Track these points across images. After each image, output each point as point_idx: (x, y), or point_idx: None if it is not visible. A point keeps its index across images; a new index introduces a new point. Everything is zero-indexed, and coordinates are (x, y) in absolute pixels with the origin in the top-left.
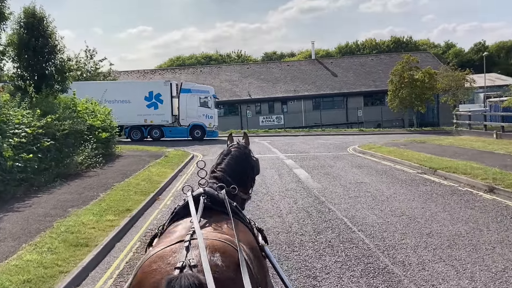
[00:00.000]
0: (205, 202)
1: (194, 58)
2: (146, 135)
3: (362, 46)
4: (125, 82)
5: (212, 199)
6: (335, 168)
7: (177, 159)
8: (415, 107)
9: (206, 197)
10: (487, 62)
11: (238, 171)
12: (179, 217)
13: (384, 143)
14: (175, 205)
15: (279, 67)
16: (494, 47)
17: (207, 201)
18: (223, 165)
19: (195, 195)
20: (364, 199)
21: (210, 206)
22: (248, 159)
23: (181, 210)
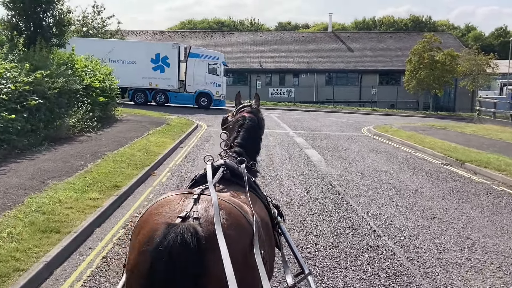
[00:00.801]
0: (224, 173)
1: (206, 23)
2: (150, 99)
3: (379, 22)
4: (131, 42)
5: (231, 171)
6: (350, 152)
7: (179, 129)
8: (433, 90)
9: (225, 169)
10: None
11: (254, 143)
12: (199, 185)
13: (401, 126)
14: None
15: (293, 37)
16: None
17: (226, 173)
18: (239, 139)
19: (216, 166)
20: (386, 192)
21: (229, 178)
22: (261, 127)
23: (201, 179)
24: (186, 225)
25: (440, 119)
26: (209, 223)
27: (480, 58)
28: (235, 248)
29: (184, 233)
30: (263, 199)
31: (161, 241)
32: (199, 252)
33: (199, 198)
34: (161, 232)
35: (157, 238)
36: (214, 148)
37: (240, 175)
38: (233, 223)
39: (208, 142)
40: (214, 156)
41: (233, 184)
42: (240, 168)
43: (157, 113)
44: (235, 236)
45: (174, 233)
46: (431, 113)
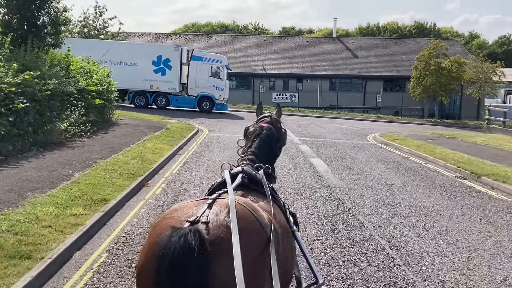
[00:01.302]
0: (242, 180)
1: (209, 26)
2: (151, 102)
3: (383, 28)
4: (133, 44)
5: (250, 178)
6: (357, 162)
7: (178, 134)
8: (439, 97)
9: (244, 175)
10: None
11: (268, 152)
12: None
13: (408, 134)
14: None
15: (297, 42)
16: None
17: (245, 179)
18: (253, 148)
19: (233, 173)
20: (400, 209)
21: (248, 184)
22: (280, 138)
23: (219, 187)
24: (190, 228)
25: (446, 127)
26: (217, 227)
27: (486, 66)
28: (244, 253)
29: (187, 236)
30: (281, 206)
31: (165, 244)
32: (203, 255)
33: (213, 202)
34: (166, 235)
35: (162, 242)
36: (215, 155)
37: (258, 181)
38: (245, 228)
39: (208, 149)
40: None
41: (252, 191)
42: (258, 175)
43: (157, 116)
44: (245, 241)
45: (177, 236)
46: (436, 121)
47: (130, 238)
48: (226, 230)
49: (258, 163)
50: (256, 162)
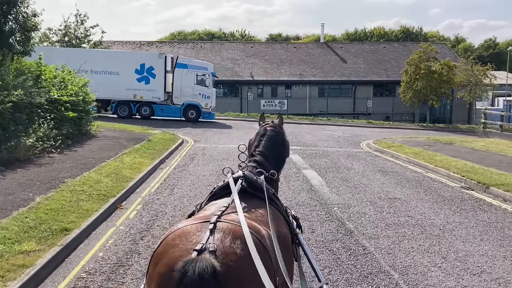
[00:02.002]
0: (242, 185)
1: (196, 34)
2: (135, 112)
3: (370, 34)
4: (115, 52)
5: (250, 184)
6: (353, 172)
7: (161, 145)
8: (430, 101)
9: (244, 181)
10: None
11: (276, 154)
12: (218, 197)
13: (402, 140)
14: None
15: (285, 48)
16: (504, 44)
17: (245, 185)
18: (261, 147)
19: (234, 178)
20: (408, 230)
21: (247, 190)
22: (284, 141)
23: (220, 191)
24: (203, 261)
25: (439, 131)
26: (225, 255)
27: (477, 68)
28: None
29: (202, 272)
30: (282, 211)
31: (180, 281)
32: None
33: (215, 227)
34: (179, 270)
35: (176, 277)
36: (199, 169)
37: (259, 187)
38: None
39: (192, 162)
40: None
41: (253, 197)
42: (259, 180)
43: (140, 127)
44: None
45: (192, 271)
46: (428, 125)
47: (91, 280)
48: (234, 258)
49: (265, 164)
50: (263, 163)
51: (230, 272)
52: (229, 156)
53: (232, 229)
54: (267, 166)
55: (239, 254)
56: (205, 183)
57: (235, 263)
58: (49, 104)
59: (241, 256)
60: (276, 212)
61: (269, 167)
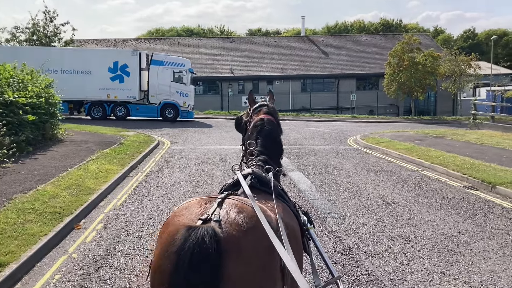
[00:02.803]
0: (252, 182)
1: (174, 31)
2: (109, 113)
3: (351, 27)
4: (85, 50)
5: (259, 180)
6: (344, 173)
7: (134, 149)
8: (414, 94)
9: (253, 177)
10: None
11: (276, 147)
12: None
13: (391, 135)
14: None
15: (265, 42)
16: (483, 35)
17: (255, 181)
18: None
19: (243, 175)
20: (417, 245)
21: (257, 186)
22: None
23: (229, 188)
24: (205, 227)
25: (425, 124)
26: (229, 225)
27: (461, 58)
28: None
29: (203, 236)
30: (292, 206)
31: (182, 244)
32: (218, 255)
33: (223, 201)
34: (181, 235)
35: (178, 242)
36: (174, 176)
37: (268, 183)
38: (253, 227)
39: (167, 167)
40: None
41: (262, 192)
42: (268, 176)
43: (113, 129)
44: (254, 240)
45: (194, 236)
46: (413, 118)
47: None
48: (237, 228)
49: (270, 162)
50: (267, 161)
51: (232, 241)
52: (208, 159)
53: (239, 205)
54: (270, 162)
55: (243, 225)
56: (180, 192)
57: (238, 233)
58: (3, 107)
59: (245, 227)
60: (285, 207)
61: (272, 163)
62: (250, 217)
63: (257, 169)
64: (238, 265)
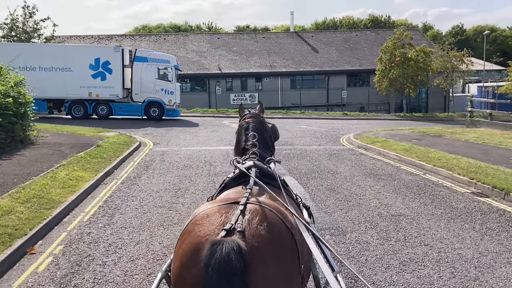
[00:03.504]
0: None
1: (161, 28)
2: (91, 112)
3: (339, 23)
4: (65, 46)
5: (262, 172)
6: (340, 178)
7: (112, 152)
8: (406, 90)
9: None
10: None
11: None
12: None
13: (386, 134)
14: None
15: (254, 39)
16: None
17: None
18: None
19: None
20: (433, 270)
21: (260, 178)
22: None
23: (231, 182)
24: (230, 242)
25: (417, 121)
26: (252, 236)
27: (453, 54)
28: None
29: (229, 253)
30: (293, 198)
31: (208, 261)
32: (245, 270)
33: (245, 208)
34: (206, 251)
35: (204, 257)
36: (153, 182)
37: (270, 175)
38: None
39: (147, 172)
40: None
41: (266, 184)
42: (270, 169)
43: (93, 129)
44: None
45: (219, 252)
46: (405, 115)
47: None
48: (260, 240)
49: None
50: (262, 154)
51: (256, 253)
52: (192, 163)
53: (261, 212)
54: (264, 156)
55: (266, 235)
56: (158, 204)
57: (262, 244)
58: None
59: (268, 238)
60: (291, 200)
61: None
62: (273, 225)
63: (258, 162)
64: (264, 279)
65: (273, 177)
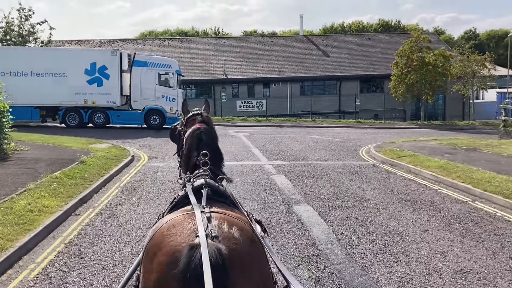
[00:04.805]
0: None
1: (168, 34)
2: (87, 121)
3: (348, 28)
4: (59, 50)
5: (213, 190)
6: (370, 207)
7: (96, 169)
8: (424, 96)
9: (208, 188)
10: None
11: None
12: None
13: (410, 145)
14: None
15: (261, 43)
16: (484, 35)
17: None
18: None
19: (197, 186)
20: None
21: (211, 197)
22: (217, 136)
23: (182, 200)
24: (211, 245)
25: (437, 130)
26: (227, 240)
27: (474, 58)
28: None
29: (212, 256)
30: (244, 215)
31: (188, 263)
32: (226, 271)
33: (210, 215)
34: (185, 255)
35: (183, 261)
36: (138, 212)
37: (221, 192)
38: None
39: (133, 197)
40: None
41: (216, 202)
42: (221, 186)
43: (84, 140)
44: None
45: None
46: (423, 123)
47: None
48: (236, 241)
49: (214, 170)
50: (213, 171)
51: (235, 255)
52: None
53: (225, 218)
54: (217, 172)
55: (240, 238)
56: (136, 248)
57: (238, 247)
58: None
59: (242, 240)
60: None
61: (218, 172)
62: (242, 229)
63: (209, 180)
64: (244, 280)
65: (225, 196)
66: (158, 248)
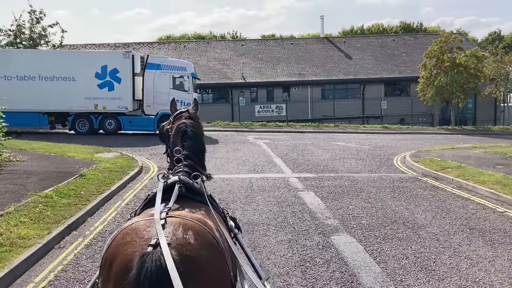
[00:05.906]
0: (180, 190)
1: (185, 38)
2: (97, 127)
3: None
4: (68, 52)
5: (187, 188)
6: (428, 238)
7: (96, 185)
8: (455, 100)
9: (181, 185)
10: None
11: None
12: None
13: (452, 154)
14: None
15: (281, 45)
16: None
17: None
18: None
19: (170, 183)
20: None
21: (185, 194)
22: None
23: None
24: (160, 251)
25: (469, 135)
26: (181, 246)
27: (508, 59)
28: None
29: (160, 261)
30: (220, 212)
31: (139, 272)
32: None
33: (165, 221)
34: (136, 263)
35: (134, 270)
36: None
37: (195, 190)
38: (204, 243)
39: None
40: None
41: (189, 200)
42: (196, 184)
43: (91, 149)
44: (208, 257)
45: (150, 262)
46: (454, 128)
47: None
48: (190, 247)
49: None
50: (193, 166)
51: (187, 261)
52: None
53: (181, 222)
54: (196, 167)
55: (193, 244)
56: None
57: (191, 252)
58: None
59: (196, 245)
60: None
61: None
62: (198, 234)
63: (184, 177)
64: (197, 283)
65: (201, 193)
66: (114, 258)
